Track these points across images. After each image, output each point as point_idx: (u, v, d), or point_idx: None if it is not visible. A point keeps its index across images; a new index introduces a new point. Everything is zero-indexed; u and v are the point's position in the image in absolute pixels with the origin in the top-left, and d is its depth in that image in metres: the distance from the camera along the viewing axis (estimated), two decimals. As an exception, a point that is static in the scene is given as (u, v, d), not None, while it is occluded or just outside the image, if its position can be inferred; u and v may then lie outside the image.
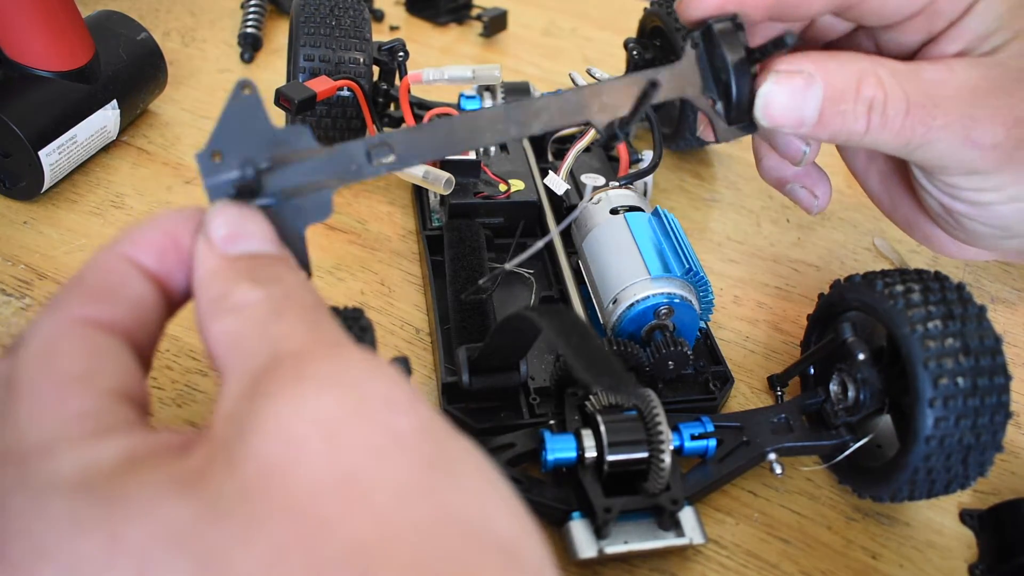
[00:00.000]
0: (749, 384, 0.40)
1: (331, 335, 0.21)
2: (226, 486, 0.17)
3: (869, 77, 0.30)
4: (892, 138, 0.31)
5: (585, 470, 0.32)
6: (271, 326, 0.21)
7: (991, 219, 0.34)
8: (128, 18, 0.50)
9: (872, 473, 0.33)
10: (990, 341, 0.30)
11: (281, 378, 0.19)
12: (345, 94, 0.45)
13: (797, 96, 0.30)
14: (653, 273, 0.36)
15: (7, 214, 0.45)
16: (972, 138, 0.31)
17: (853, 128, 0.31)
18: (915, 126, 0.30)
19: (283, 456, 0.17)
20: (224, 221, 0.23)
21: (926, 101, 0.30)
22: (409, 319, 0.42)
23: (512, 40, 0.66)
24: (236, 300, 0.21)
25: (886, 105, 0.30)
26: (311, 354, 0.20)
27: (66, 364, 0.20)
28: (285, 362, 0.19)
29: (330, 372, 0.19)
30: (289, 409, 0.18)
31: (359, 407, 0.18)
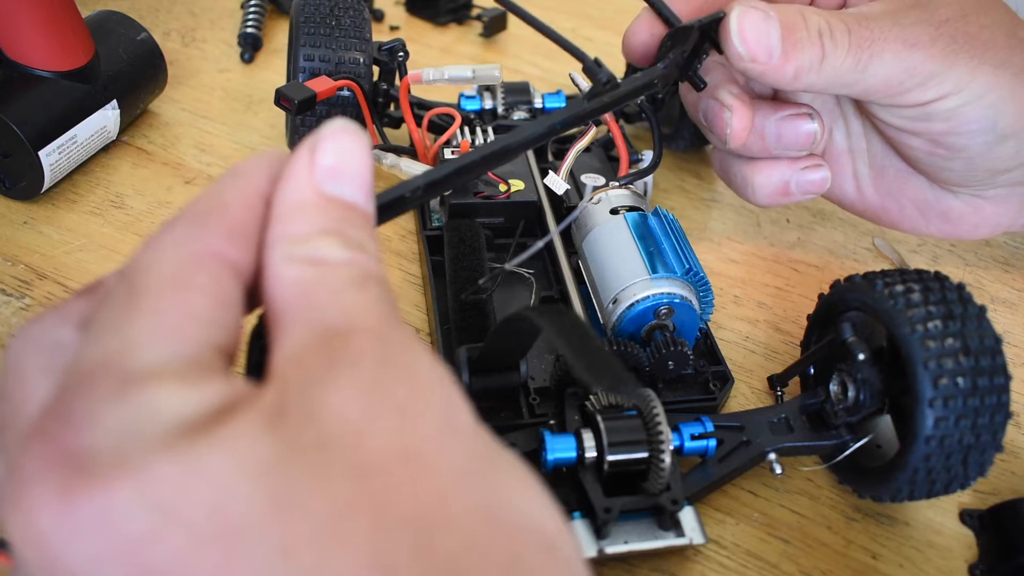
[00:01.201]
0: (749, 384, 0.40)
1: (402, 325, 0.21)
2: (305, 431, 0.17)
3: (809, 13, 0.35)
4: (845, 58, 0.35)
5: (585, 470, 0.32)
6: (351, 295, 0.20)
7: (970, 125, 0.36)
8: (128, 18, 0.50)
9: (872, 473, 0.33)
10: (990, 341, 0.30)
11: (361, 352, 0.19)
12: (345, 94, 0.45)
13: (761, 24, 0.34)
14: (653, 273, 0.36)
15: (7, 214, 0.45)
16: (908, 40, 0.35)
17: (812, 55, 0.35)
18: (860, 43, 0.35)
19: (360, 420, 0.18)
20: (335, 148, 0.22)
21: (860, 23, 0.35)
22: (409, 319, 0.42)
23: (512, 40, 0.66)
24: (320, 252, 0.21)
25: (832, 29, 0.35)
26: (387, 340, 0.20)
27: (197, 302, 0.20)
28: (363, 337, 0.19)
29: (404, 362, 0.19)
30: (369, 384, 0.18)
31: (427, 399, 0.19)
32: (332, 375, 0.18)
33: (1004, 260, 0.49)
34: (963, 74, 0.35)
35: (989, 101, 0.36)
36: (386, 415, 0.18)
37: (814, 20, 0.34)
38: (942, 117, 0.36)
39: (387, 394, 0.18)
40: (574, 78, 0.46)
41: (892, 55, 0.35)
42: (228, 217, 0.21)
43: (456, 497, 0.18)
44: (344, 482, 0.17)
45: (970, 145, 0.37)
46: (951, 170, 0.38)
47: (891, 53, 0.35)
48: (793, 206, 0.51)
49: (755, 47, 0.34)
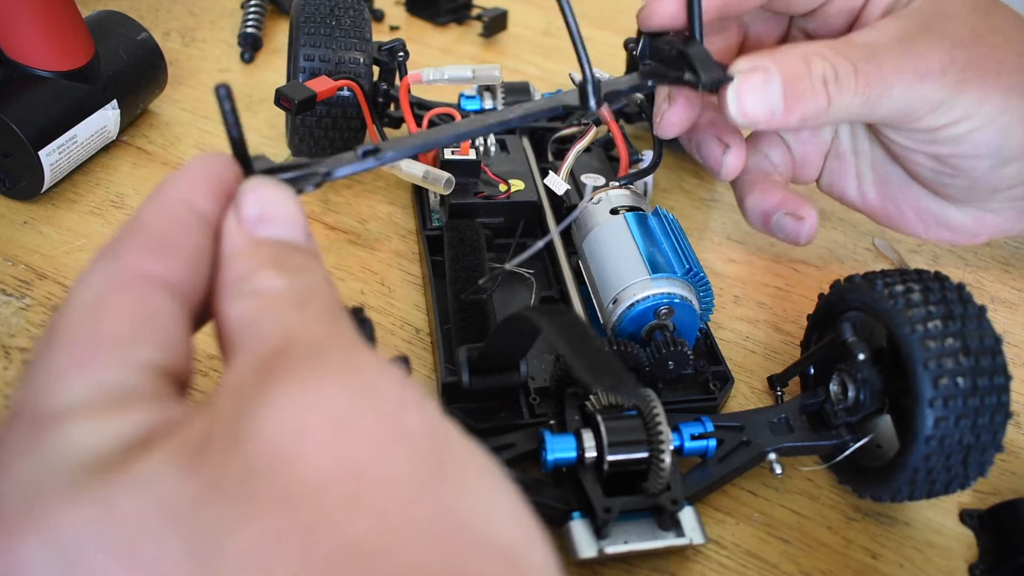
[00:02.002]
0: (749, 384, 0.40)
1: (348, 335, 0.21)
2: (228, 465, 0.17)
3: (813, 56, 0.33)
4: (852, 98, 0.34)
5: (585, 470, 0.32)
6: (290, 316, 0.20)
7: (977, 148, 0.36)
8: (128, 18, 0.50)
9: (872, 473, 0.33)
10: (990, 341, 0.30)
11: (295, 365, 0.18)
12: (345, 94, 0.45)
13: (761, 89, 0.33)
14: (653, 273, 0.36)
15: (7, 214, 0.45)
16: (920, 70, 0.34)
17: (817, 104, 0.33)
18: (868, 81, 0.33)
19: (290, 443, 0.17)
20: (257, 199, 0.23)
21: (869, 58, 0.33)
22: (409, 319, 0.42)
23: (512, 40, 0.66)
24: (258, 285, 0.21)
25: (837, 73, 0.33)
26: (327, 348, 0.19)
27: (111, 324, 0.19)
28: (300, 351, 0.19)
29: (344, 367, 0.19)
30: (301, 396, 0.18)
31: (371, 403, 0.18)
32: (263, 398, 0.18)
33: (1004, 260, 0.49)
34: (973, 101, 0.34)
35: (997, 126, 0.35)
36: (319, 431, 0.17)
37: (818, 68, 0.33)
38: (949, 141, 0.36)
39: (321, 407, 0.18)
40: (574, 78, 0.46)
41: (902, 89, 0.34)
42: (147, 234, 0.21)
43: (397, 516, 0.17)
44: (270, 515, 0.16)
45: (975, 167, 0.37)
46: (954, 186, 0.38)
47: (901, 87, 0.34)
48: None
49: (756, 114, 0.33)
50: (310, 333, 0.20)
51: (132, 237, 0.21)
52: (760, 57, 0.33)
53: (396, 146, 0.28)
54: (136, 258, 0.20)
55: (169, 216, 0.21)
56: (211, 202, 0.22)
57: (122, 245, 0.21)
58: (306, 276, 0.22)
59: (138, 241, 0.21)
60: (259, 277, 0.21)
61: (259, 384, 0.18)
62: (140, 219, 0.21)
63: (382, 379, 0.19)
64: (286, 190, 0.24)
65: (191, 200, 0.22)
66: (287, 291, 0.21)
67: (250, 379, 0.18)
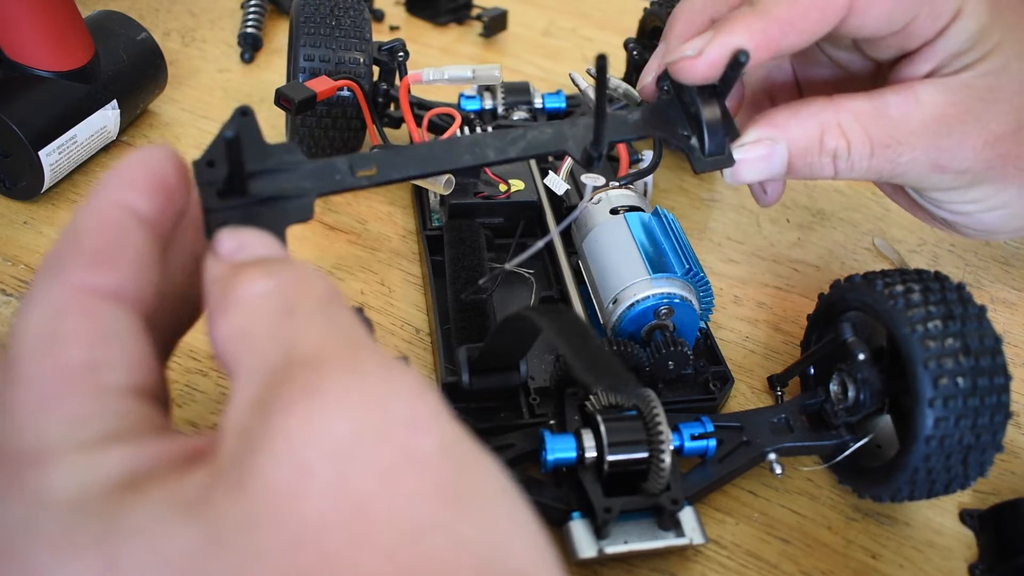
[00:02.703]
0: (749, 384, 0.40)
1: (347, 333, 0.19)
2: (231, 512, 0.16)
3: (831, 129, 0.32)
4: (863, 175, 0.33)
5: (585, 470, 0.32)
6: (283, 323, 0.19)
7: (976, 224, 0.36)
8: (128, 18, 0.50)
9: (872, 473, 0.33)
10: (990, 341, 0.30)
11: (293, 390, 0.17)
12: (345, 94, 0.45)
13: (762, 162, 0.32)
14: (653, 273, 0.36)
15: (7, 214, 0.45)
16: (940, 165, 0.32)
17: (822, 174, 0.33)
18: (882, 164, 0.32)
19: (292, 482, 0.16)
20: (231, 235, 0.22)
21: (890, 140, 0.32)
22: (409, 319, 0.42)
23: (512, 40, 0.66)
24: (243, 292, 0.20)
25: (850, 152, 0.32)
26: (326, 362, 0.18)
27: (70, 352, 0.18)
28: (298, 370, 0.18)
29: (347, 385, 0.18)
30: (301, 429, 0.17)
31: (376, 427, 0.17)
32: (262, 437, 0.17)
33: (1004, 260, 0.49)
34: (988, 191, 0.34)
35: (1007, 211, 0.35)
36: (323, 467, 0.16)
37: (832, 143, 0.32)
38: (953, 212, 0.35)
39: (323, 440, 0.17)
40: (574, 78, 0.46)
41: (917, 175, 0.33)
42: (85, 244, 0.20)
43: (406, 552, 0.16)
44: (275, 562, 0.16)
45: (975, 234, 0.37)
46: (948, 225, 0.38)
47: (916, 173, 0.33)
48: (793, 206, 0.51)
49: (750, 180, 0.33)
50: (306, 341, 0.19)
51: (70, 250, 0.20)
52: (769, 126, 0.32)
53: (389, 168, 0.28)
54: (78, 272, 0.19)
55: (106, 222, 0.20)
56: (149, 201, 0.21)
57: (62, 259, 0.20)
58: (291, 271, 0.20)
59: (78, 253, 0.20)
60: (241, 283, 0.20)
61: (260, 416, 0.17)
62: (76, 228, 0.20)
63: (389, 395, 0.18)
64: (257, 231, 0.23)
65: (127, 201, 0.21)
66: (275, 293, 0.20)
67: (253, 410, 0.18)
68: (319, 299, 0.20)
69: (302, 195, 0.26)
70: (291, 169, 0.26)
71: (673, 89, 0.33)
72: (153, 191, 0.21)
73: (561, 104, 0.51)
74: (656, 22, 0.50)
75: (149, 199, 0.21)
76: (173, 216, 0.22)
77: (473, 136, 0.30)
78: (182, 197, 0.22)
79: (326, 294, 0.20)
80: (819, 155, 0.32)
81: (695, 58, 0.30)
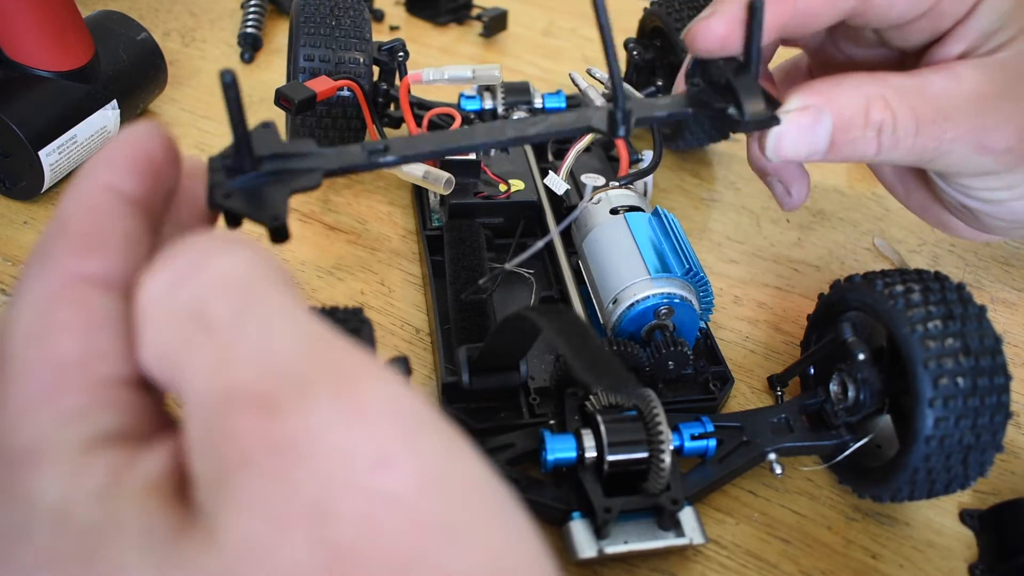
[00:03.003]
0: (749, 384, 0.40)
1: (285, 344, 0.17)
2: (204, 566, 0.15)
3: (877, 101, 0.30)
4: (905, 155, 0.31)
5: (585, 470, 0.32)
6: (196, 338, 0.17)
7: (1006, 214, 0.35)
8: (128, 18, 0.50)
9: (872, 473, 0.33)
10: (990, 341, 0.30)
11: (248, 445, 0.16)
12: (345, 94, 0.45)
13: (807, 132, 0.30)
14: (653, 273, 0.36)
15: (7, 214, 0.45)
16: (985, 145, 0.31)
17: (865, 152, 0.31)
18: (926, 142, 0.31)
19: (267, 538, 0.15)
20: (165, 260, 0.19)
21: (936, 115, 0.30)
22: (409, 319, 0.42)
23: (512, 40, 0.66)
24: (141, 300, 0.18)
25: (896, 126, 0.30)
26: (275, 402, 0.16)
27: (63, 344, 0.18)
28: (248, 417, 0.16)
29: (304, 430, 0.16)
30: (266, 487, 0.16)
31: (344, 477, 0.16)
32: (229, 490, 0.16)
33: (1004, 260, 0.49)
34: (1021, 176, 0.33)
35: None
36: (296, 524, 0.15)
37: (877, 115, 0.30)
38: (983, 201, 0.35)
39: (291, 498, 0.15)
40: (574, 78, 0.46)
41: (960, 155, 0.31)
42: (73, 230, 0.19)
43: None
44: None
45: (997, 224, 0.36)
46: (968, 218, 0.37)
47: (959, 154, 0.31)
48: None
49: (793, 154, 0.30)
50: (244, 371, 0.16)
51: (59, 236, 0.19)
52: (813, 93, 0.30)
53: (404, 149, 0.27)
54: (67, 260, 0.19)
55: (92, 205, 0.20)
56: (136, 181, 0.20)
57: (51, 247, 0.19)
58: (187, 253, 0.18)
59: (65, 240, 0.19)
60: (140, 289, 0.18)
61: (221, 477, 0.16)
62: (63, 214, 0.19)
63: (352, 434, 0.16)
64: None
65: (113, 183, 0.20)
66: (171, 294, 0.17)
67: (209, 467, 0.16)
68: (231, 288, 0.17)
69: (311, 170, 0.25)
70: (304, 154, 0.25)
71: (701, 76, 0.31)
72: (140, 170, 0.21)
73: (561, 104, 0.51)
74: (656, 22, 0.50)
75: (136, 179, 0.20)
76: (163, 194, 0.21)
77: (491, 124, 0.29)
78: (171, 174, 0.22)
79: (237, 277, 0.18)
80: (864, 128, 0.30)
81: (710, 18, 0.29)
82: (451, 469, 0.17)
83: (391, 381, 0.17)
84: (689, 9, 0.48)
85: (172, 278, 0.18)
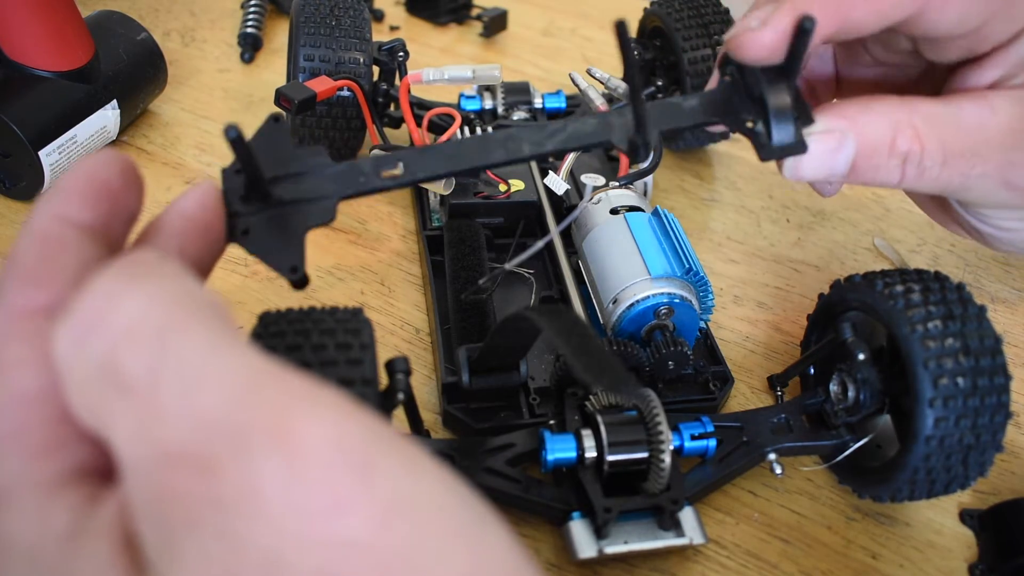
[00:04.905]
0: (749, 384, 0.40)
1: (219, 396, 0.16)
2: None
3: (905, 130, 0.29)
4: (928, 186, 0.30)
5: (585, 470, 0.32)
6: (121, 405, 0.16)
7: (1017, 242, 0.34)
8: (128, 18, 0.50)
9: (872, 473, 0.33)
10: (990, 341, 0.30)
11: (191, 506, 0.15)
12: (345, 94, 0.45)
13: (827, 156, 0.29)
14: (653, 273, 0.36)
15: (7, 214, 0.45)
16: (1010, 182, 0.30)
17: (886, 180, 0.30)
18: (952, 176, 0.30)
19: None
20: None
21: (965, 150, 0.29)
22: (409, 319, 0.42)
23: (512, 40, 0.66)
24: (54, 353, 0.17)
25: (922, 158, 0.29)
26: (211, 460, 0.15)
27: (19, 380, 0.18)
28: (185, 477, 0.15)
29: (247, 486, 0.15)
30: (216, 548, 0.15)
31: (295, 527, 0.15)
32: (180, 562, 0.15)
33: (1004, 260, 0.49)
34: None
35: None
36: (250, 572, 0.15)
37: (903, 145, 0.29)
38: (996, 228, 0.34)
39: (242, 561, 0.15)
40: (574, 78, 0.46)
41: (983, 191, 0.30)
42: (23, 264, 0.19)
43: None
44: None
45: (1008, 248, 0.35)
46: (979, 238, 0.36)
47: (984, 189, 0.30)
48: (793, 206, 0.51)
49: (810, 176, 0.29)
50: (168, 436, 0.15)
51: (8, 273, 0.19)
52: (839, 116, 0.29)
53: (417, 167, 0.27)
54: (15, 295, 0.19)
55: (44, 238, 0.19)
56: (90, 208, 0.20)
57: (3, 285, 0.19)
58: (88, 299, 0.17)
59: (15, 275, 0.19)
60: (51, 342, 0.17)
61: (166, 542, 0.16)
62: (15, 251, 0.19)
63: (298, 484, 0.15)
64: None
65: (65, 214, 0.20)
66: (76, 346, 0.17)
67: (154, 534, 0.16)
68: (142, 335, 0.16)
69: (324, 198, 0.25)
70: (315, 172, 0.26)
71: (737, 73, 0.30)
72: (94, 199, 0.21)
73: (561, 104, 0.51)
74: (656, 22, 0.50)
75: (90, 207, 0.20)
76: (123, 218, 0.21)
77: (506, 131, 0.29)
78: (130, 199, 0.22)
79: (147, 320, 0.16)
80: (888, 157, 0.29)
81: (758, 30, 0.27)
82: (411, 496, 0.16)
83: (334, 412, 0.16)
84: (689, 9, 0.48)
85: (79, 330, 0.17)
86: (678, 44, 0.47)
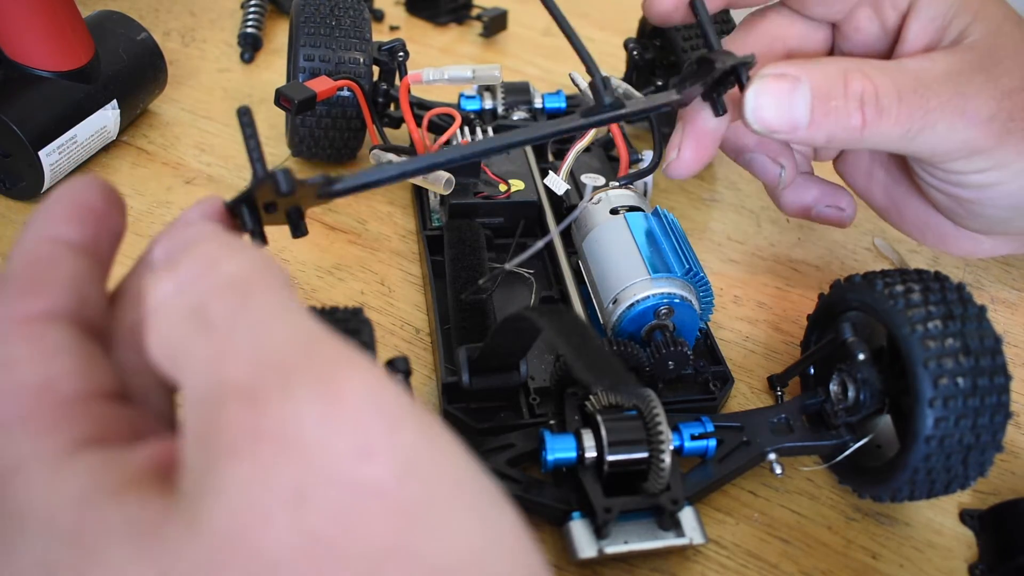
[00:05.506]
0: (749, 384, 0.40)
1: (271, 338, 0.18)
2: (186, 551, 0.16)
3: (854, 72, 0.31)
4: (891, 127, 0.31)
5: (585, 470, 0.32)
6: (194, 332, 0.18)
7: (1000, 199, 0.35)
8: (128, 18, 0.50)
9: (872, 473, 0.33)
10: (990, 341, 0.30)
11: (234, 434, 0.16)
12: (345, 94, 0.45)
13: (784, 98, 0.31)
14: (653, 273, 0.36)
15: (7, 214, 0.45)
16: (967, 113, 0.32)
17: (849, 124, 0.31)
18: (912, 111, 0.31)
19: (247, 527, 0.16)
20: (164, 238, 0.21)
21: (917, 86, 0.31)
22: (409, 319, 0.42)
23: (512, 40, 0.66)
24: (150, 299, 0.19)
25: (878, 96, 0.31)
26: (259, 392, 0.17)
27: (23, 374, 0.19)
28: (233, 407, 0.17)
29: (286, 421, 0.16)
30: (249, 475, 0.16)
31: (325, 468, 0.16)
32: (211, 479, 0.16)
33: (1004, 260, 0.49)
34: (1010, 153, 0.33)
35: None
36: (277, 514, 0.16)
37: (857, 85, 0.31)
38: (974, 187, 0.35)
39: (274, 485, 0.16)
40: (574, 78, 0.46)
41: (946, 127, 0.32)
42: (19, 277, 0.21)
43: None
44: None
45: (992, 214, 0.36)
46: (962, 217, 0.37)
47: (944, 127, 0.32)
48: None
49: (774, 122, 0.31)
50: (229, 360, 0.17)
51: (6, 285, 0.21)
52: (791, 65, 0.31)
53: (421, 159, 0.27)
54: (14, 303, 0.20)
55: (36, 254, 0.21)
56: (77, 228, 0.22)
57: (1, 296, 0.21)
58: (192, 258, 0.19)
59: (12, 288, 0.20)
60: (149, 289, 0.19)
61: (205, 466, 0.17)
62: (9, 267, 0.21)
63: (332, 426, 0.16)
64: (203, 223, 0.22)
65: (54, 233, 0.21)
66: (175, 293, 0.19)
67: (195, 455, 0.17)
68: (231, 289, 0.18)
69: None
70: None
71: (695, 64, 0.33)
72: (80, 219, 0.22)
73: (561, 104, 0.51)
74: (656, 22, 0.50)
75: (77, 227, 0.22)
76: (109, 237, 0.23)
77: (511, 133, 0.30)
78: (114, 219, 0.23)
79: (237, 279, 0.19)
80: (844, 98, 0.31)
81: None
82: (432, 460, 0.17)
83: (374, 374, 0.17)
84: (689, 9, 0.48)
85: (183, 279, 0.19)
86: (678, 44, 0.47)
